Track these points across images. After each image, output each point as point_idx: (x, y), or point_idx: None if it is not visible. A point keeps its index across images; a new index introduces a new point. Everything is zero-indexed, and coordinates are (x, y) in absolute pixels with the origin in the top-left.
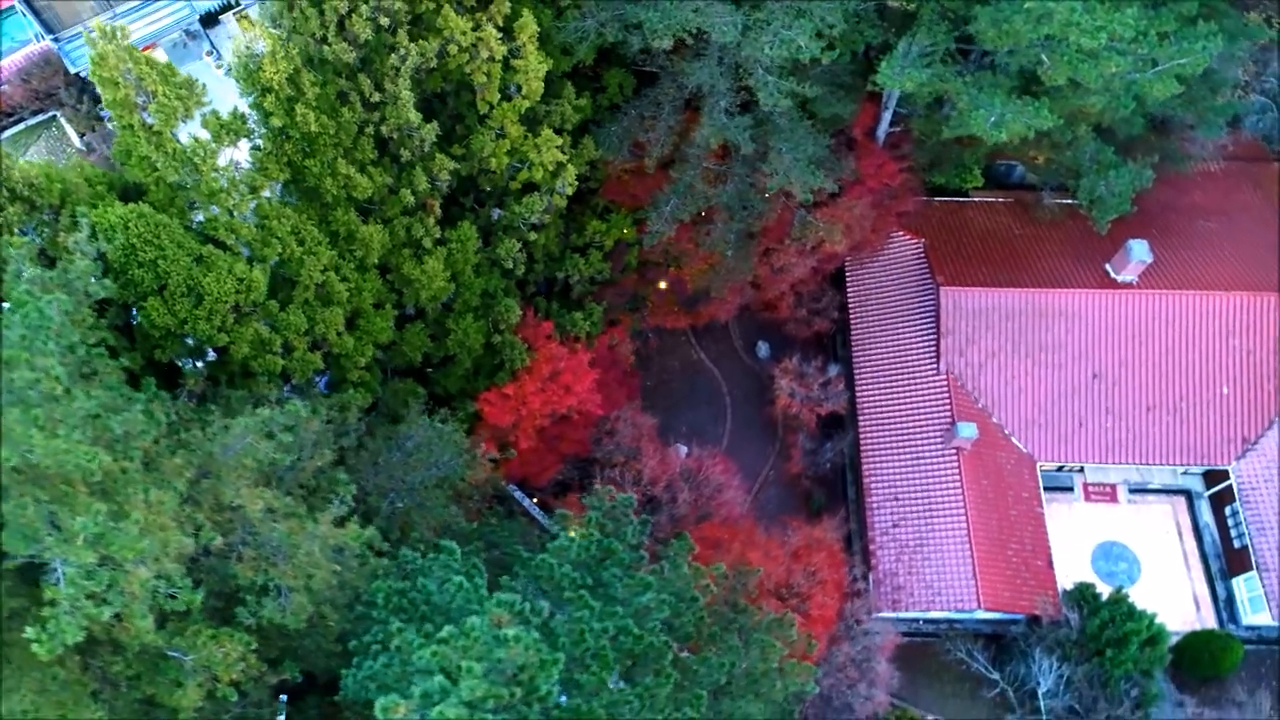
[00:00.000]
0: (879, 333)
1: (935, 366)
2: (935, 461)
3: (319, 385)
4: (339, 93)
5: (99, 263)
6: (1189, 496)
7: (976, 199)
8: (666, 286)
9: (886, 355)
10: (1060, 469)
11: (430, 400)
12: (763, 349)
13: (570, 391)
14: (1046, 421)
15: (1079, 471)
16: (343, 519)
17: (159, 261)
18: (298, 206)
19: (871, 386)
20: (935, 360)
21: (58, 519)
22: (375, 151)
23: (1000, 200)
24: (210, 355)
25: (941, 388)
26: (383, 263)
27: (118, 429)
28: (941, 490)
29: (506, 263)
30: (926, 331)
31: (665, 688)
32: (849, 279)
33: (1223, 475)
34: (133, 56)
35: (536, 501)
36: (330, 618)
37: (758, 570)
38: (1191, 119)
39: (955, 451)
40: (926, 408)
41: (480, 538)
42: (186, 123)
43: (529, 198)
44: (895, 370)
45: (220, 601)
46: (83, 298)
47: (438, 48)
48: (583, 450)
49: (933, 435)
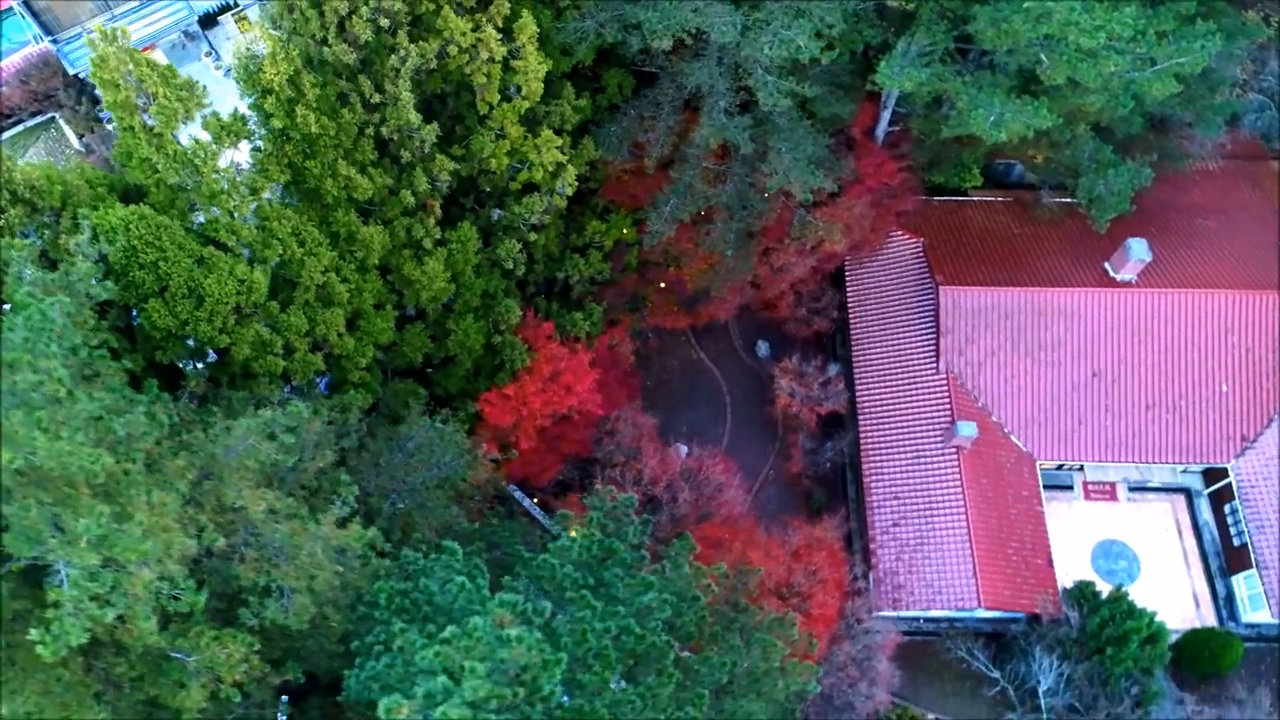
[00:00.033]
0: (878, 332)
1: (935, 365)
2: (935, 460)
3: (319, 386)
4: (339, 94)
5: (100, 265)
6: (1188, 494)
7: (975, 198)
8: (666, 286)
9: (886, 354)
10: (1060, 467)
11: (431, 401)
12: (762, 348)
13: (571, 392)
14: (1046, 420)
15: (1079, 470)
16: (345, 520)
17: (160, 263)
18: (298, 208)
19: (871, 386)
20: (935, 359)
21: (61, 521)
22: (375, 152)
23: (999, 199)
24: (211, 356)
25: (941, 387)
26: (383, 263)
27: (120, 431)
28: (941, 489)
29: (507, 263)
30: (926, 330)
31: (667, 687)
32: (848, 278)
33: (1222, 473)
34: (133, 58)
35: (537, 502)
36: (333, 618)
37: (758, 570)
38: (1190, 117)
39: (955, 450)
40: (926, 407)
41: (482, 538)
42: (187, 124)
43: (529, 198)
44: (895, 369)
45: (223, 603)
46: (84, 300)
47: (438, 49)
48: (583, 450)
49: (932, 434)
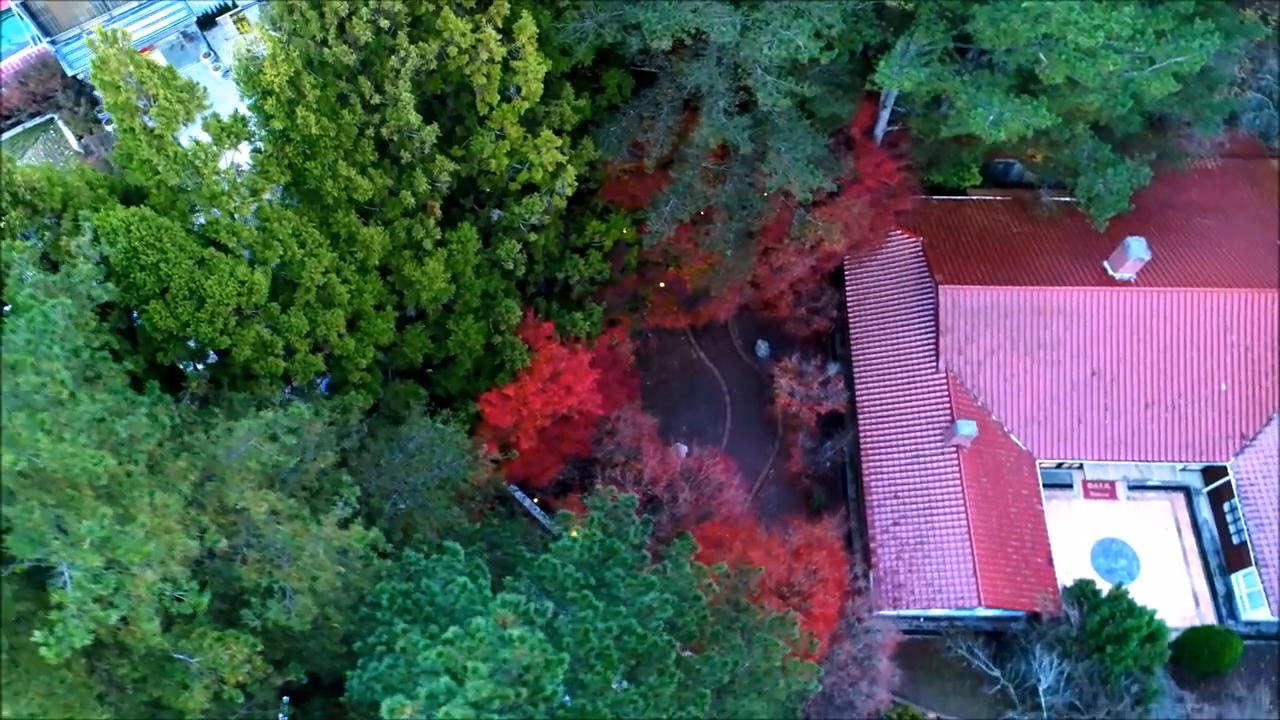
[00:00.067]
0: (878, 331)
1: (934, 364)
2: (935, 459)
3: (320, 387)
4: (339, 95)
5: (101, 266)
6: (1188, 493)
7: (974, 197)
8: (666, 286)
9: (886, 353)
10: (1059, 466)
11: (431, 401)
12: (762, 348)
13: (571, 392)
14: (1045, 419)
15: (1078, 468)
16: (347, 521)
17: (161, 265)
18: (299, 209)
19: (871, 385)
20: (934, 358)
21: (64, 523)
22: (376, 153)
23: (998, 198)
24: (211, 358)
25: (941, 386)
26: (383, 264)
27: (123, 432)
28: (941, 488)
29: (507, 263)
30: (925, 330)
31: (669, 687)
32: (848, 278)
33: (1221, 471)
34: (134, 60)
35: (537, 502)
36: (335, 619)
37: (759, 569)
38: (1189, 116)
39: (955, 449)
40: (926, 406)
41: (483, 538)
42: (187, 126)
43: (529, 198)
44: (894, 368)
45: (225, 604)
46: (86, 302)
47: (437, 49)
48: (583, 450)
49: (932, 433)
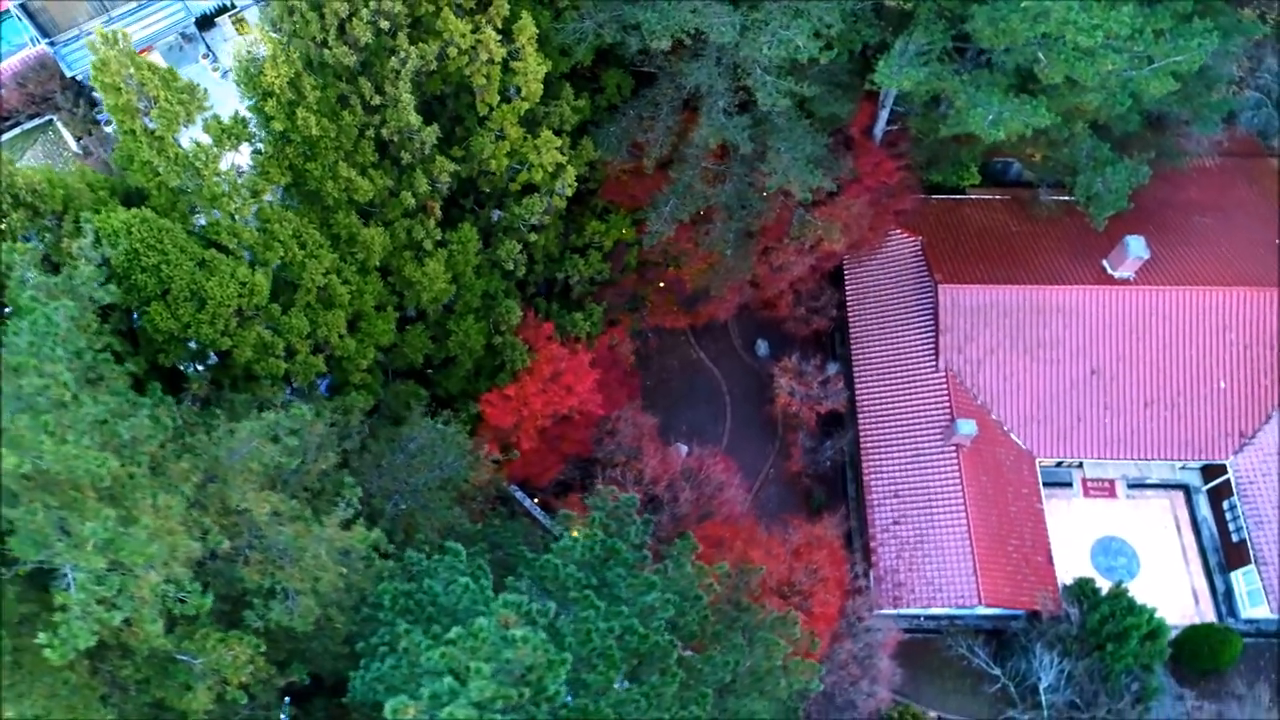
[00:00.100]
0: (878, 330)
1: (934, 364)
2: (935, 458)
3: (320, 388)
4: (339, 96)
5: (103, 268)
6: (1187, 491)
7: (974, 196)
8: (666, 286)
9: (885, 353)
10: (1059, 465)
11: (432, 402)
12: (762, 347)
13: (571, 392)
14: (1045, 417)
15: (1078, 467)
16: (349, 522)
17: (162, 266)
18: (299, 210)
19: (871, 384)
20: (934, 357)
21: (67, 525)
22: (376, 154)
23: (997, 197)
24: (212, 359)
25: (940, 385)
26: (384, 265)
27: (125, 434)
28: (941, 487)
29: (507, 264)
30: (925, 329)
31: (671, 686)
32: (847, 277)
33: (1220, 470)
34: (135, 62)
35: (538, 502)
36: (337, 620)
37: (760, 568)
38: (1187, 115)
39: (955, 448)
40: (926, 405)
41: (484, 539)
42: (188, 127)
43: (529, 199)
44: (894, 368)
45: (227, 605)
46: (87, 303)
47: (437, 50)
48: (584, 450)
49: (932, 432)
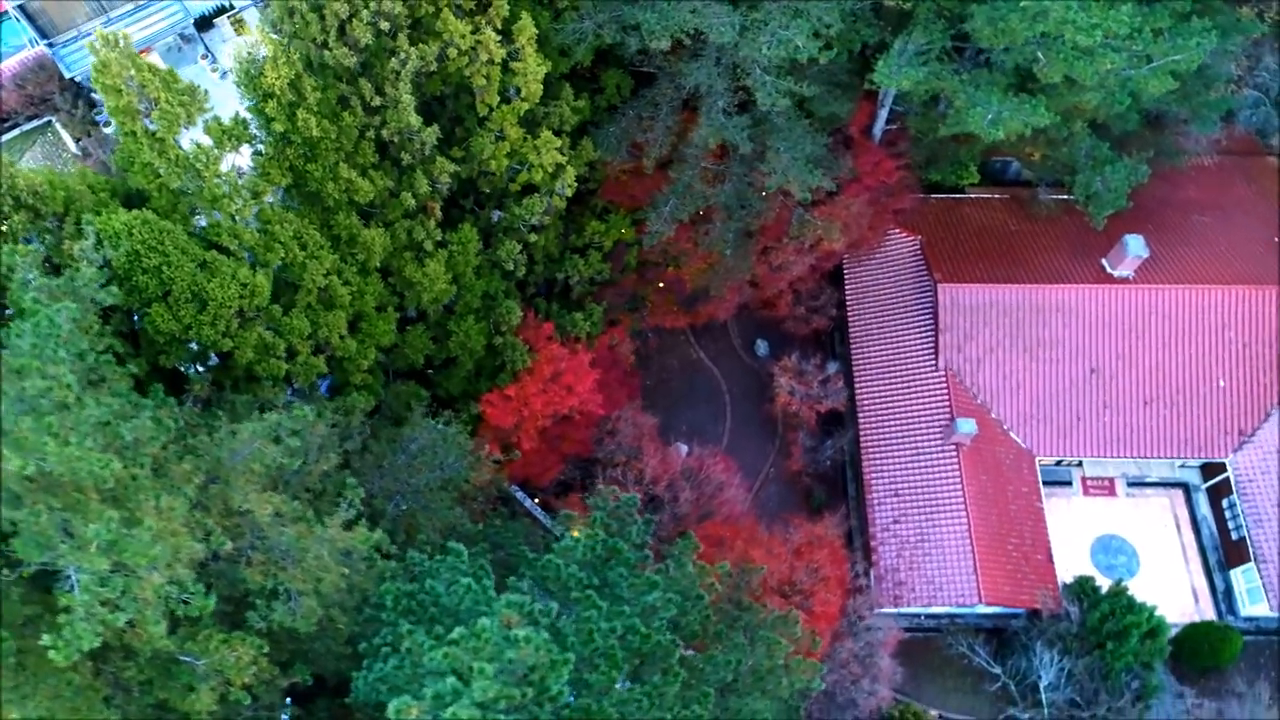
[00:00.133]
0: (877, 330)
1: (934, 363)
2: (935, 457)
3: (321, 389)
4: (340, 97)
5: (104, 270)
6: (1187, 489)
7: (973, 195)
8: (665, 286)
9: (885, 352)
10: (1059, 463)
11: (433, 402)
12: (761, 347)
13: (572, 392)
14: (1045, 416)
15: (1077, 466)
16: (351, 522)
17: (163, 268)
18: (300, 211)
19: (870, 383)
20: (934, 356)
21: (70, 526)
22: (376, 155)
23: (996, 196)
24: (213, 360)
25: (940, 384)
26: (384, 266)
27: (128, 436)
28: (941, 486)
29: (507, 264)
30: (924, 328)
31: (673, 686)
32: (847, 276)
33: (1220, 468)
34: (135, 64)
35: (538, 502)
36: (339, 620)
37: (761, 568)
38: (1186, 114)
39: (955, 447)
40: (925, 404)
41: (485, 539)
42: (188, 129)
43: (529, 199)
44: (894, 367)
45: (230, 606)
46: (89, 305)
47: (437, 51)
48: (584, 450)
49: (932, 431)
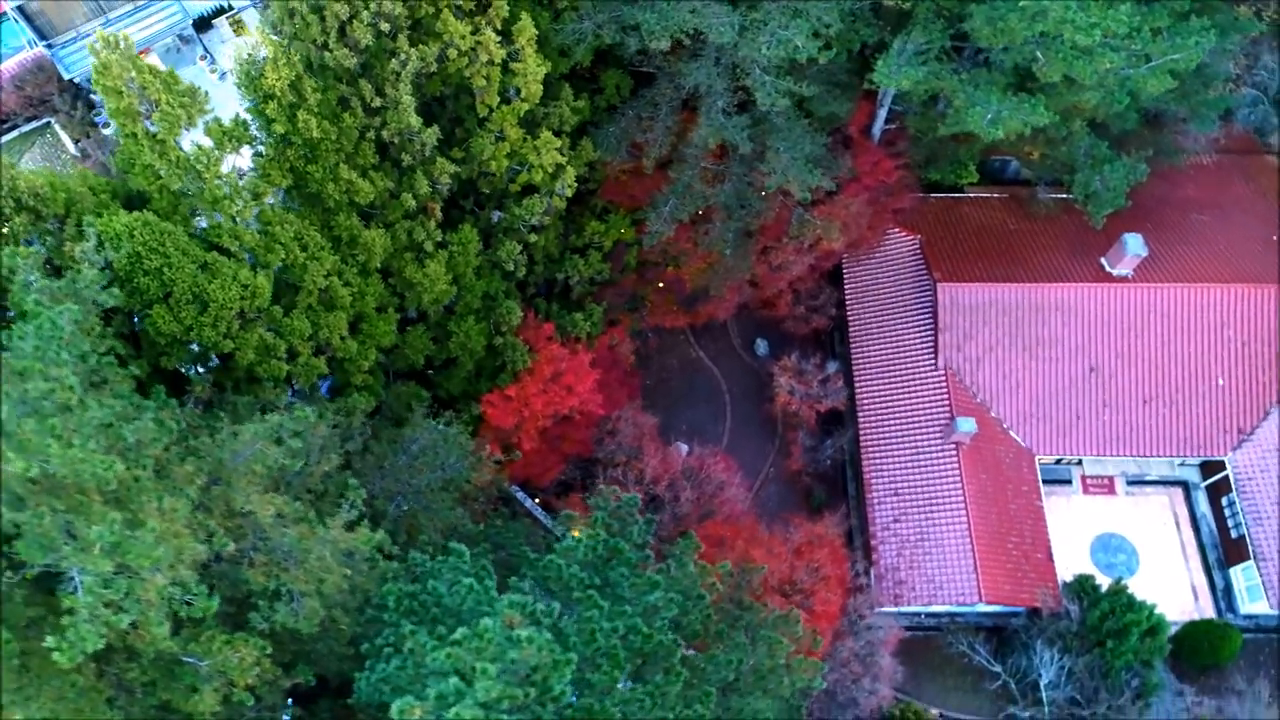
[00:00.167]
0: (877, 329)
1: (933, 362)
2: (935, 456)
3: (321, 390)
4: (340, 98)
5: (106, 272)
6: (1186, 487)
7: (972, 195)
8: (665, 286)
9: (885, 351)
10: (1058, 462)
11: (433, 403)
12: (761, 347)
13: (572, 392)
14: (1044, 415)
15: (1077, 464)
16: (353, 523)
17: (164, 269)
18: (300, 212)
19: (870, 382)
20: (933, 355)
21: (74, 528)
22: (376, 156)
23: (995, 196)
24: (214, 361)
25: (940, 383)
26: (385, 267)
27: (130, 438)
28: (941, 485)
29: (507, 265)
30: (924, 327)
31: (675, 686)
32: (846, 276)
33: (1219, 466)
34: (136, 65)
35: (539, 502)
36: (342, 621)
37: (762, 567)
38: (1184, 113)
39: (954, 446)
40: (925, 403)
41: (487, 539)
42: (189, 130)
43: (529, 200)
44: (894, 366)
45: (232, 607)
46: (91, 307)
47: (437, 52)
48: (585, 450)
49: (932, 430)
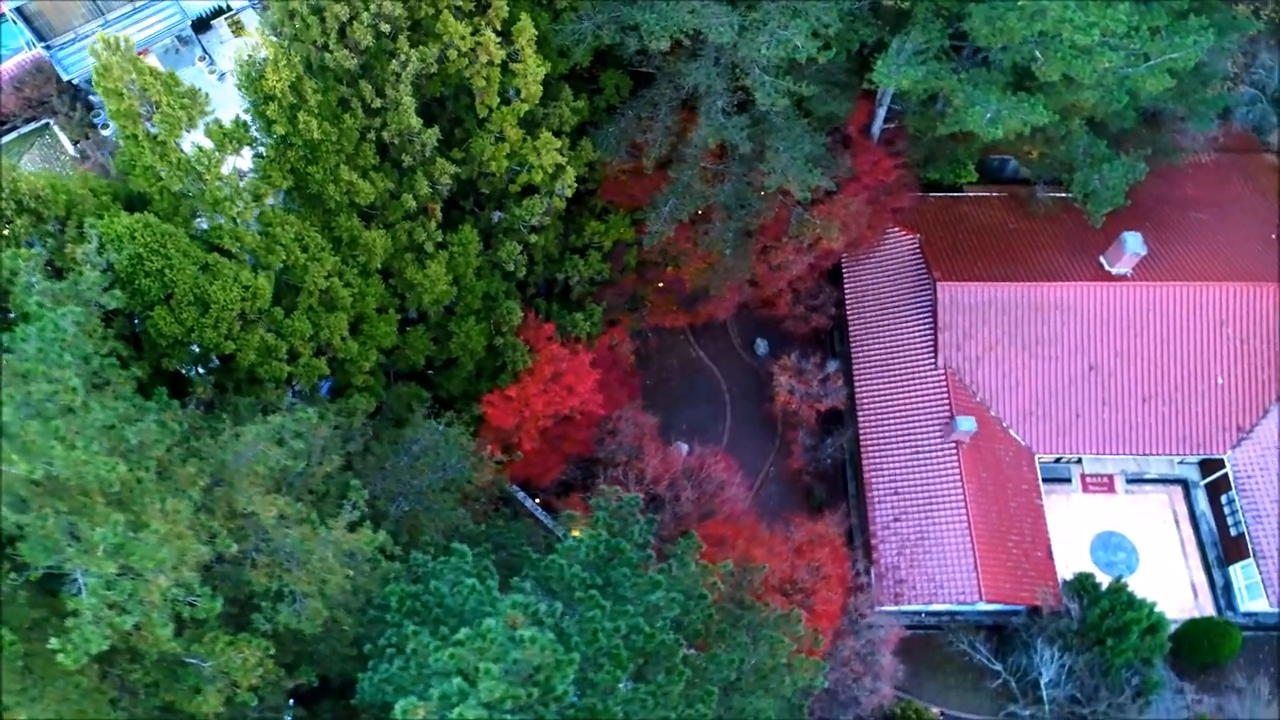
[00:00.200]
0: (877, 328)
1: (933, 361)
2: (935, 455)
3: (322, 390)
4: (340, 99)
5: (107, 273)
6: (1185, 485)
7: (971, 194)
8: (665, 286)
9: (884, 350)
10: (1058, 460)
11: (434, 403)
12: (761, 346)
13: (572, 392)
14: (1044, 414)
15: (1076, 463)
16: (355, 524)
17: (166, 271)
18: (301, 213)
19: (870, 382)
20: (933, 355)
21: (77, 530)
22: (377, 157)
23: (994, 195)
24: (215, 363)
25: (940, 382)
26: (385, 267)
27: (133, 439)
28: (941, 484)
29: (507, 265)
30: (924, 326)
31: (677, 685)
32: (846, 275)
33: (1218, 464)
34: (136, 67)
35: (540, 502)
36: (344, 622)
37: (763, 566)
38: (1183, 111)
39: (954, 445)
40: (925, 402)
41: (488, 540)
42: (189, 132)
43: (529, 200)
44: (893, 365)
45: (235, 608)
46: (92, 309)
47: (437, 53)
48: (585, 450)
49: (932, 429)
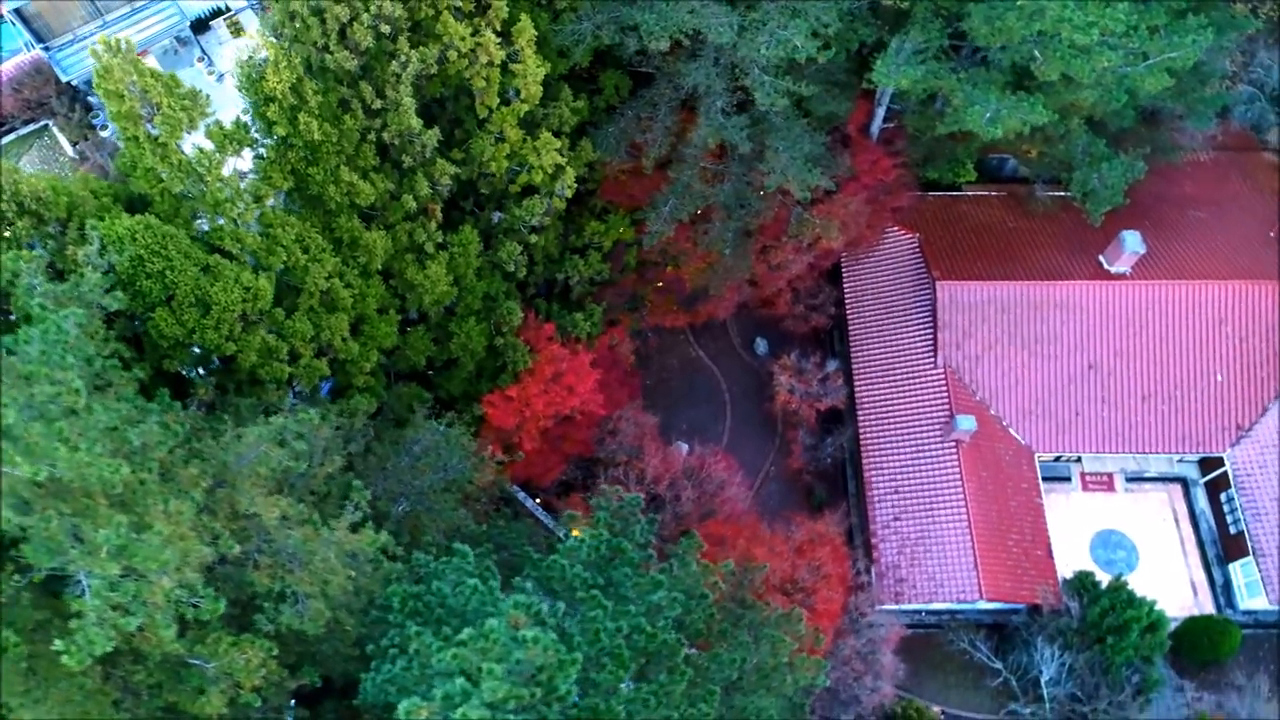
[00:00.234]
0: (876, 327)
1: (933, 360)
2: (935, 454)
3: (323, 391)
4: (341, 100)
5: (109, 275)
6: (1185, 484)
7: (970, 193)
8: (665, 286)
9: (884, 350)
10: (1058, 459)
11: (435, 404)
12: (761, 346)
13: (573, 392)
14: (1044, 412)
15: (1076, 461)
16: (357, 524)
17: (167, 272)
18: (301, 214)
19: (870, 381)
20: (933, 354)
21: (81, 531)
22: (377, 158)
23: (993, 194)
24: (216, 364)
25: (939, 381)
26: (386, 268)
27: (135, 441)
28: (941, 483)
29: (508, 265)
30: (923, 325)
31: (679, 685)
32: (846, 275)
33: (1218, 462)
34: (137, 68)
35: (540, 502)
36: (347, 622)
37: (763, 566)
38: (1181, 110)
39: (954, 444)
40: (925, 401)
41: (489, 540)
42: (190, 133)
43: (529, 200)
44: (893, 364)
45: (238, 609)
46: (94, 310)
47: (437, 54)
48: (586, 450)
49: (932, 428)
